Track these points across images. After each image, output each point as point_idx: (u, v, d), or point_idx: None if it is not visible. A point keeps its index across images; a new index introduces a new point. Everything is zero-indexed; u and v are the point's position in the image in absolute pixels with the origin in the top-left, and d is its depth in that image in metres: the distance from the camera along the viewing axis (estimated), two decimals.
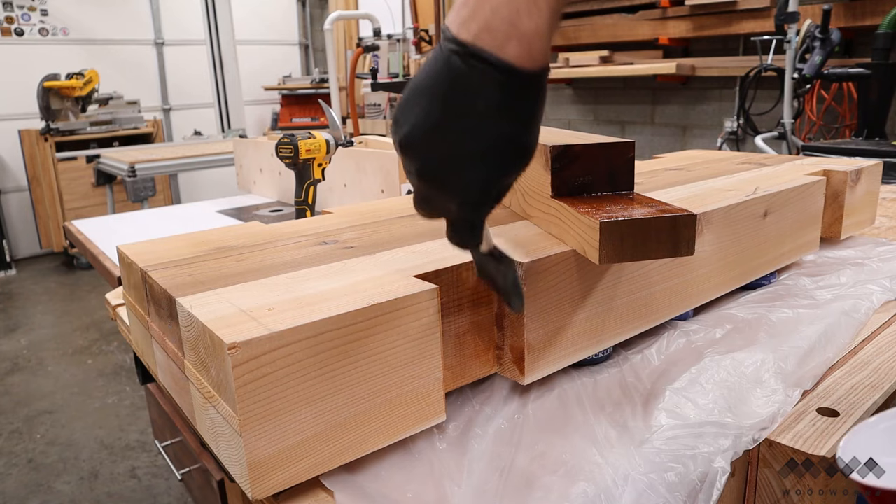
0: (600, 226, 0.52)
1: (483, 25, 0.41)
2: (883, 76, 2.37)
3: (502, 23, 0.40)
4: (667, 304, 0.73)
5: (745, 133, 3.09)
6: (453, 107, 0.42)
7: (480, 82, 0.41)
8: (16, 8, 4.87)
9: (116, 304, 0.93)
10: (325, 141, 1.31)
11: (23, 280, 4.50)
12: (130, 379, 2.88)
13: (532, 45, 0.41)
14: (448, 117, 0.43)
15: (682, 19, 3.34)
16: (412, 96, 0.45)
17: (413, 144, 0.45)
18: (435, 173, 0.46)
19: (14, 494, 2.10)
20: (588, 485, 0.50)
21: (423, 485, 0.51)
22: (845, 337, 0.75)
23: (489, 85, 0.41)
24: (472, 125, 0.42)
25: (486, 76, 0.41)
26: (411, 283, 0.54)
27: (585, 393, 0.63)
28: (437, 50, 0.43)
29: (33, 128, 4.57)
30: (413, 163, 0.46)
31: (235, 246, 0.68)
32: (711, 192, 0.83)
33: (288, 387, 0.46)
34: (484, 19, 0.41)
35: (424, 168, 0.46)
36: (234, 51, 4.38)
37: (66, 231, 1.74)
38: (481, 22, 0.41)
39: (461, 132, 0.43)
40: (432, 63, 0.43)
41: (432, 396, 0.55)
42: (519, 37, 0.41)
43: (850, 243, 1.06)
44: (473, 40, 0.41)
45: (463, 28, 0.41)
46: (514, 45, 0.41)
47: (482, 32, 0.41)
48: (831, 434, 0.57)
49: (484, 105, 0.42)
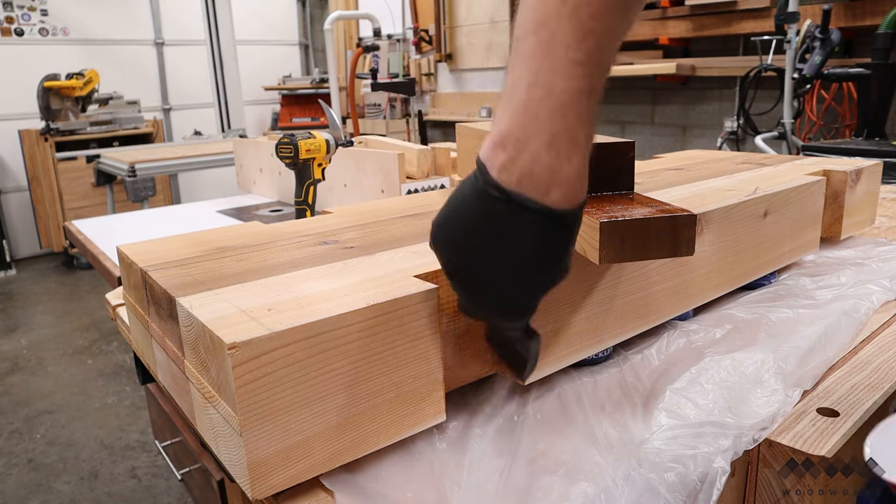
0: (600, 226, 0.52)
1: (525, 173, 0.41)
2: (883, 76, 2.37)
3: (544, 170, 0.41)
4: (667, 304, 0.73)
5: (745, 133, 3.09)
6: (496, 245, 0.43)
7: (523, 226, 0.42)
8: (16, 8, 4.87)
9: (116, 304, 0.93)
10: (325, 141, 1.31)
11: (23, 280, 4.50)
12: (130, 379, 2.88)
13: (573, 187, 0.42)
14: (490, 254, 0.44)
15: (682, 19, 3.34)
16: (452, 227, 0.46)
17: (460, 275, 0.47)
18: (481, 300, 0.48)
19: (14, 494, 2.11)
20: (588, 485, 0.50)
21: (423, 485, 0.51)
22: (845, 337, 0.75)
23: (532, 228, 0.42)
24: (514, 262, 0.44)
25: (531, 223, 0.42)
26: (411, 283, 0.54)
27: (585, 393, 0.63)
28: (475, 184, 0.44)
29: (33, 128, 4.57)
30: (460, 290, 0.49)
31: (235, 246, 0.68)
32: (711, 192, 0.83)
33: (288, 387, 0.46)
34: (525, 166, 0.41)
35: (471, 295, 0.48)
36: (234, 51, 4.38)
37: (66, 231, 1.74)
38: (523, 169, 0.41)
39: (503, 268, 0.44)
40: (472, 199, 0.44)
41: (432, 396, 0.55)
42: (561, 182, 0.41)
43: (850, 243, 1.06)
44: (517, 188, 0.41)
45: (503, 173, 0.42)
46: (557, 190, 0.41)
47: (524, 180, 0.41)
48: (831, 434, 0.57)
49: (527, 245, 0.43)
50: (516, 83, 0.42)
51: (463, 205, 0.45)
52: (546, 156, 0.41)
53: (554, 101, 0.40)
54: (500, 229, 0.43)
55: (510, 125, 0.42)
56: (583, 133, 0.41)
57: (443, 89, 5.04)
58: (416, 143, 1.66)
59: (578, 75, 0.40)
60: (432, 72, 5.03)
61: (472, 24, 4.65)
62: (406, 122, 4.98)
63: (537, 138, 0.41)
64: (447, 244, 0.47)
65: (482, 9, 4.55)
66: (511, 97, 0.42)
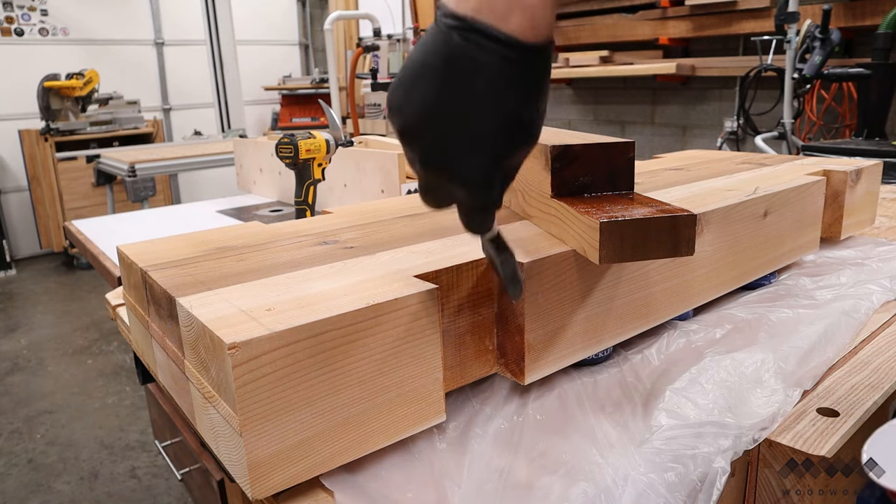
0: (600, 226, 0.52)
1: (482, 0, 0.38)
2: (883, 76, 2.37)
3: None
4: (667, 304, 0.73)
5: (745, 133, 3.09)
6: (454, 86, 0.40)
7: (482, 58, 0.39)
8: (16, 8, 4.87)
9: (116, 304, 0.93)
10: (325, 141, 1.31)
11: (23, 280, 4.50)
12: (130, 379, 2.88)
13: (535, 16, 0.39)
14: (449, 98, 0.40)
15: (682, 19, 3.34)
16: (409, 78, 0.42)
17: (414, 130, 0.43)
18: (439, 159, 0.43)
19: (14, 494, 2.11)
20: (588, 485, 0.50)
21: (423, 485, 0.51)
22: (845, 337, 0.75)
23: (491, 60, 0.39)
24: (475, 104, 0.40)
25: (488, 51, 0.39)
26: (411, 283, 0.54)
27: (585, 393, 0.63)
28: (433, 27, 0.41)
29: (33, 128, 4.57)
30: (415, 150, 0.44)
31: (235, 246, 0.68)
32: (711, 192, 0.83)
33: (288, 387, 0.46)
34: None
35: (427, 154, 0.43)
36: (234, 51, 4.38)
37: (66, 231, 1.74)
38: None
39: (463, 113, 0.40)
40: (429, 42, 0.41)
41: (432, 396, 0.55)
42: (522, 7, 0.38)
43: (850, 243, 1.06)
44: (473, 14, 0.38)
45: (461, 2, 0.39)
46: (517, 16, 0.38)
47: (482, 5, 0.38)
48: (831, 434, 0.57)
49: (487, 82, 0.39)
50: None
51: (419, 50, 0.42)
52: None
53: None
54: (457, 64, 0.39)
55: None
56: None
57: None
58: None
59: None
60: None
61: None
62: None
63: None
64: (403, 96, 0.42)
65: None
66: None
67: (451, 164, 0.43)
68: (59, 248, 4.82)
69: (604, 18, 3.69)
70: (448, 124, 0.41)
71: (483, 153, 0.42)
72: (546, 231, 0.66)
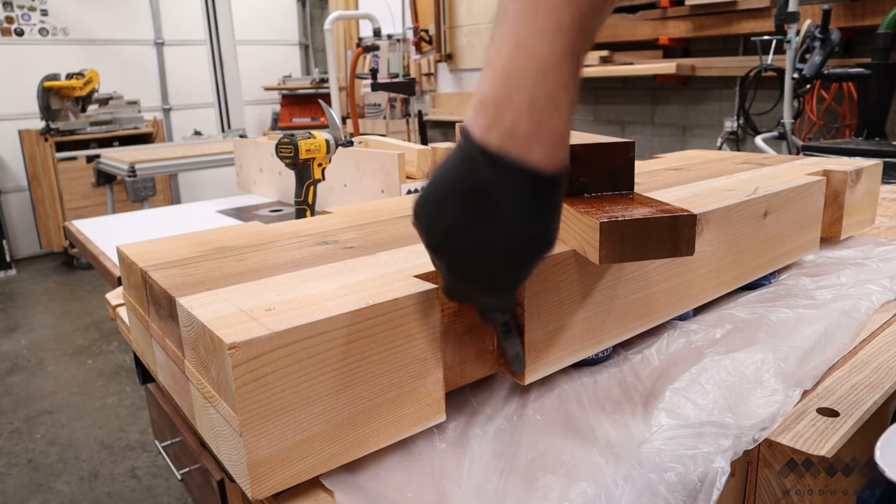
0: (600, 226, 0.52)
1: (507, 132, 0.41)
2: (883, 76, 2.37)
3: (526, 128, 0.41)
4: (667, 304, 0.73)
5: (745, 133, 3.09)
6: (480, 210, 0.43)
7: (507, 187, 0.42)
8: (16, 8, 4.86)
9: (116, 304, 0.93)
10: (325, 141, 1.31)
11: (23, 280, 4.50)
12: (130, 379, 2.88)
13: (555, 147, 0.42)
14: (475, 220, 0.44)
15: (682, 19, 3.34)
16: (437, 195, 0.46)
17: (442, 247, 0.47)
18: (466, 272, 0.47)
19: (14, 494, 2.10)
20: (588, 485, 0.50)
21: (423, 485, 0.51)
22: (845, 337, 0.75)
23: (516, 189, 0.42)
24: (499, 227, 0.43)
25: (513, 181, 0.42)
26: (411, 283, 0.54)
27: (585, 393, 0.63)
28: (458, 151, 0.44)
29: (33, 128, 4.57)
30: (443, 261, 0.48)
31: (235, 246, 0.68)
32: (711, 192, 0.83)
33: (288, 387, 0.46)
34: (507, 126, 0.41)
35: (455, 267, 0.47)
36: (234, 51, 4.38)
37: (66, 231, 1.74)
38: (504, 128, 0.41)
39: (488, 235, 0.44)
40: (457, 165, 0.44)
41: (432, 396, 0.55)
42: (542, 141, 0.42)
43: (850, 243, 1.06)
44: (499, 147, 0.42)
45: (486, 134, 0.42)
46: (538, 149, 0.42)
47: (506, 139, 0.41)
48: (831, 434, 0.57)
49: (510, 208, 0.43)
50: (500, 47, 0.42)
51: (446, 172, 0.45)
52: (527, 114, 0.41)
53: (536, 64, 0.41)
54: (483, 191, 0.43)
55: (493, 88, 0.42)
56: (564, 96, 0.42)
57: (443, 89, 5.04)
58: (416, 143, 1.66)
59: (563, 39, 0.41)
60: (432, 72, 5.03)
61: (472, 24, 4.65)
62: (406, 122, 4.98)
63: (518, 98, 0.41)
64: (430, 214, 0.46)
65: (482, 9, 4.55)
66: (495, 61, 0.42)
67: (477, 277, 0.47)
68: (59, 248, 4.82)
69: None
70: (475, 242, 0.45)
71: (502, 269, 0.46)
72: None
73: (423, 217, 0.47)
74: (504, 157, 0.42)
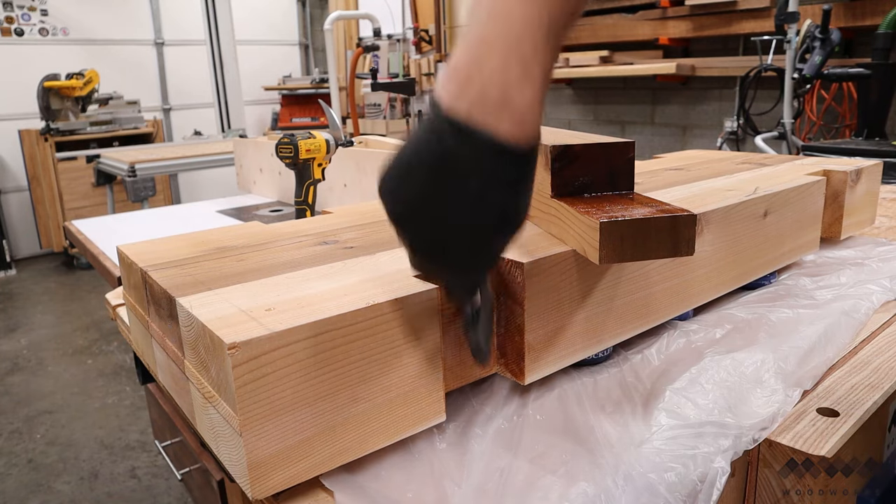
0: (600, 226, 0.52)
1: (475, 99, 0.40)
2: (883, 76, 2.37)
3: (495, 96, 0.40)
4: (667, 304, 0.73)
5: (745, 133, 3.09)
6: (446, 184, 0.42)
7: (474, 160, 0.41)
8: (16, 8, 4.87)
9: (116, 304, 0.93)
10: (325, 141, 1.31)
11: (23, 280, 4.50)
12: (130, 379, 2.88)
13: (525, 120, 0.41)
14: (441, 194, 0.42)
15: (682, 19, 3.34)
16: (403, 169, 0.44)
17: (406, 220, 0.45)
18: (429, 247, 0.46)
19: (14, 494, 2.11)
20: (588, 485, 0.50)
21: (423, 485, 0.51)
22: (845, 337, 0.75)
23: (482, 163, 0.41)
24: (465, 201, 0.42)
25: (480, 154, 0.40)
26: (411, 283, 0.54)
27: (585, 393, 0.63)
28: (426, 123, 0.42)
29: (33, 128, 4.57)
30: (407, 236, 0.46)
31: (235, 246, 0.68)
32: (711, 192, 0.83)
33: (288, 387, 0.46)
34: (475, 95, 0.40)
35: (418, 241, 0.46)
36: (234, 51, 4.38)
37: (66, 231, 1.74)
38: (473, 96, 0.40)
39: (454, 208, 0.42)
40: (423, 137, 0.43)
41: (432, 396, 0.55)
42: (511, 112, 0.40)
43: (850, 243, 1.06)
44: (466, 117, 0.40)
45: (454, 102, 0.40)
46: (507, 121, 0.40)
47: (475, 107, 0.40)
48: (831, 434, 0.57)
49: (477, 182, 0.41)
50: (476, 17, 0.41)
51: (412, 144, 0.43)
52: (498, 79, 0.39)
53: (509, 28, 0.39)
54: (449, 163, 0.41)
55: (465, 56, 0.41)
56: (538, 66, 0.40)
57: None
58: None
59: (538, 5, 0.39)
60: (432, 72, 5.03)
61: None
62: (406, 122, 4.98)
63: (490, 64, 0.39)
64: (395, 187, 0.44)
65: None
66: (469, 31, 0.41)
67: (441, 252, 0.46)
68: (59, 248, 4.82)
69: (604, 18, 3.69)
70: (440, 216, 0.43)
71: (472, 244, 0.45)
72: (546, 231, 0.66)
73: (388, 189, 0.45)
74: (471, 127, 0.40)
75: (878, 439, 0.70)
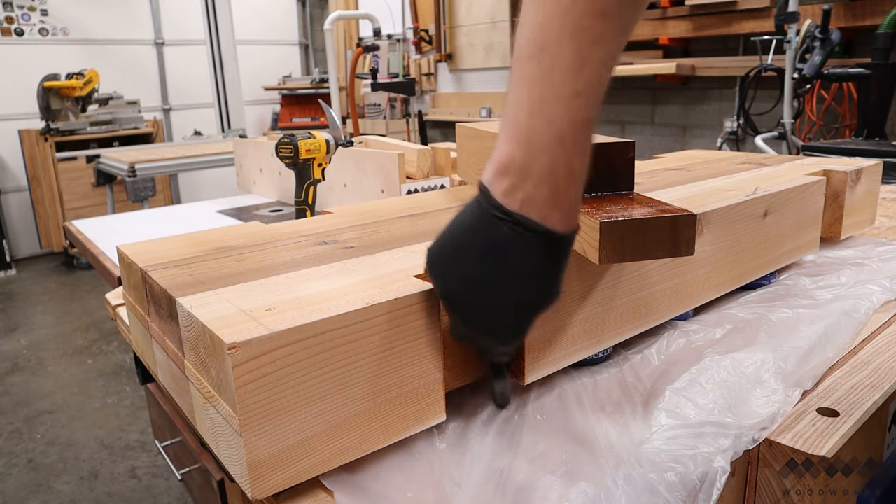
0: (600, 226, 0.52)
1: (527, 199, 0.44)
2: (883, 76, 2.37)
3: (545, 197, 0.44)
4: (667, 304, 0.73)
5: (745, 133, 3.09)
6: (499, 267, 0.46)
7: (525, 247, 0.45)
8: (16, 8, 4.87)
9: (116, 304, 0.93)
10: (325, 141, 1.31)
11: (23, 280, 4.50)
12: (130, 379, 2.88)
13: (570, 213, 0.46)
14: (493, 276, 0.46)
15: (682, 19, 3.34)
16: (454, 251, 0.48)
17: (459, 298, 0.49)
18: (478, 322, 0.50)
19: (14, 494, 2.11)
20: (588, 485, 0.50)
21: (423, 485, 0.51)
22: (845, 337, 0.75)
23: (533, 249, 0.45)
24: (515, 283, 0.46)
25: (531, 242, 0.45)
26: (411, 283, 0.54)
27: (585, 393, 0.63)
28: (477, 208, 0.46)
29: (33, 128, 4.57)
30: (458, 313, 0.51)
31: (235, 246, 0.68)
32: (711, 192, 0.83)
33: (288, 387, 0.46)
34: (528, 192, 0.44)
35: (468, 317, 0.50)
36: (234, 51, 4.38)
37: (66, 231, 1.74)
38: (525, 195, 0.44)
39: (504, 289, 0.47)
40: (476, 223, 0.46)
41: (432, 396, 0.55)
42: (560, 208, 0.45)
43: (850, 243, 1.06)
44: (520, 211, 0.44)
45: (507, 197, 0.45)
46: (556, 215, 0.45)
47: (527, 204, 0.44)
48: (831, 434, 0.57)
49: (529, 264, 0.46)
50: (518, 109, 0.44)
51: (464, 228, 0.47)
52: (547, 184, 0.44)
53: (554, 131, 0.43)
54: (503, 250, 0.45)
55: (512, 152, 0.44)
56: (579, 163, 0.44)
57: (443, 89, 5.04)
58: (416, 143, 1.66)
59: (578, 107, 0.43)
60: (432, 72, 5.03)
61: (472, 24, 4.65)
62: (406, 122, 4.98)
63: (539, 167, 0.44)
64: (446, 267, 0.49)
65: (482, 9, 4.55)
66: (513, 123, 0.44)
67: (491, 328, 0.50)
68: (59, 248, 4.82)
69: None
70: (490, 297, 0.47)
71: (517, 317, 0.49)
72: None
73: (439, 269, 0.49)
74: (524, 220, 0.44)
75: (878, 439, 0.70)
